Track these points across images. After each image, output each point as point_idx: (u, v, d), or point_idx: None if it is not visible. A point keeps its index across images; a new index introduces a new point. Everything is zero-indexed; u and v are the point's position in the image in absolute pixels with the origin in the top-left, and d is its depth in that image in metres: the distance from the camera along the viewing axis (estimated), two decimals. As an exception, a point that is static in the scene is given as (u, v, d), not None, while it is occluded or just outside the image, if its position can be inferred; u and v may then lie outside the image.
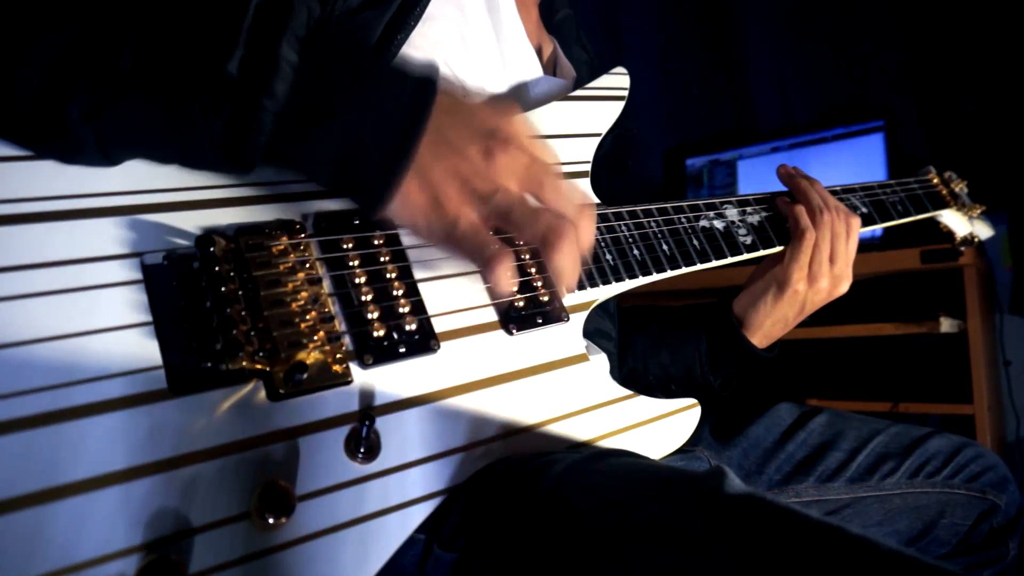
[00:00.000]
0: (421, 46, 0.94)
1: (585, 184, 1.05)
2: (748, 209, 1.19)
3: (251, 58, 0.64)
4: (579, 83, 1.13)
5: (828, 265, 1.13)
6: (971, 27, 2.64)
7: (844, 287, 1.16)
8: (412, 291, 0.81)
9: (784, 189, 1.24)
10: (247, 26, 0.65)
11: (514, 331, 0.86)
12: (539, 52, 1.15)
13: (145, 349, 0.66)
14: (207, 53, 0.64)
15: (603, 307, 1.15)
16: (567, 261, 0.73)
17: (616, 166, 1.22)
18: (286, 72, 0.65)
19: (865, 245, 2.53)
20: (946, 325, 2.29)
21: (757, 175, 3.03)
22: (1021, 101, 2.53)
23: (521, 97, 1.08)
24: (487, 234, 0.72)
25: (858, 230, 1.18)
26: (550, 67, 1.19)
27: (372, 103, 0.69)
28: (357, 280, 0.78)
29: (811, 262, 1.13)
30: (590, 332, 1.09)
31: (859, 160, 2.73)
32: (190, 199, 0.73)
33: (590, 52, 1.30)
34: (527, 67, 1.10)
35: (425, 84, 0.70)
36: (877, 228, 1.32)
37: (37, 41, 0.62)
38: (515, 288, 0.80)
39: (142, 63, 0.63)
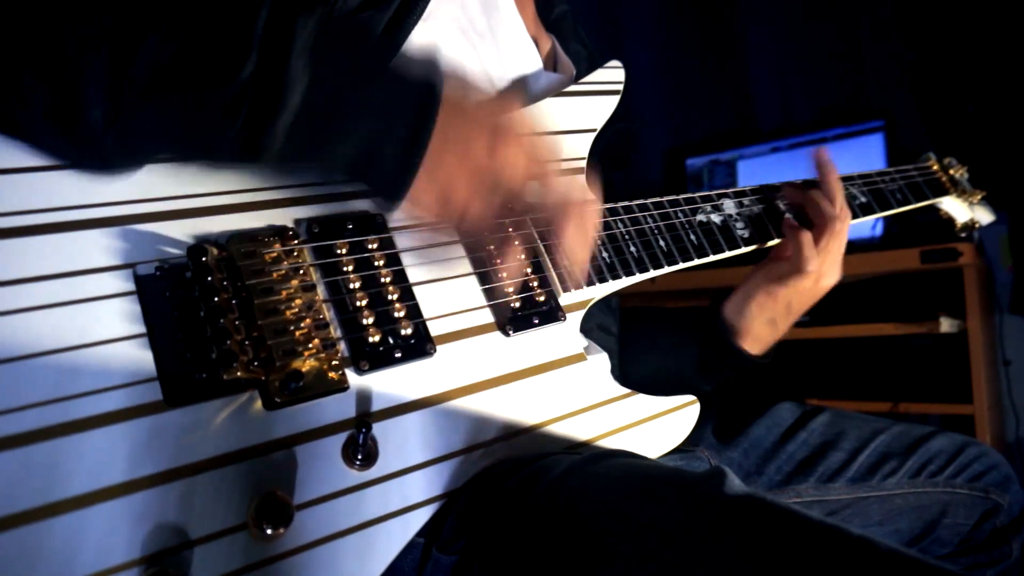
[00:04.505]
0: (423, 45, 0.94)
1: (580, 181, 1.05)
2: (745, 201, 1.18)
3: (264, 68, 0.66)
4: (579, 78, 1.13)
5: (817, 275, 1.13)
6: (971, 27, 2.64)
7: (828, 281, 1.15)
8: (407, 295, 0.81)
9: (778, 184, 1.24)
10: (259, 35, 0.66)
11: (511, 332, 0.86)
12: (537, 48, 1.15)
13: (140, 361, 0.65)
14: (221, 61, 0.65)
15: (605, 302, 1.15)
16: (576, 239, 0.79)
17: (617, 160, 1.22)
18: (296, 85, 0.67)
19: (865, 245, 2.53)
20: (946, 325, 2.28)
21: (757, 175, 3.03)
22: (1021, 101, 2.52)
23: (520, 93, 1.08)
24: (495, 223, 0.78)
25: (848, 227, 1.17)
26: (549, 63, 1.18)
27: (381, 109, 0.71)
28: (351, 285, 0.77)
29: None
30: (591, 328, 1.09)
31: (859, 160, 2.73)
32: (182, 208, 0.73)
33: (588, 47, 1.29)
34: (526, 63, 1.10)
35: (429, 87, 0.73)
36: (878, 226, 1.32)
37: (56, 49, 0.63)
38: (527, 270, 0.87)
39: (158, 70, 0.64)
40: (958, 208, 1.54)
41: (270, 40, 0.66)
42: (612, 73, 1.12)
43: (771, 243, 1.17)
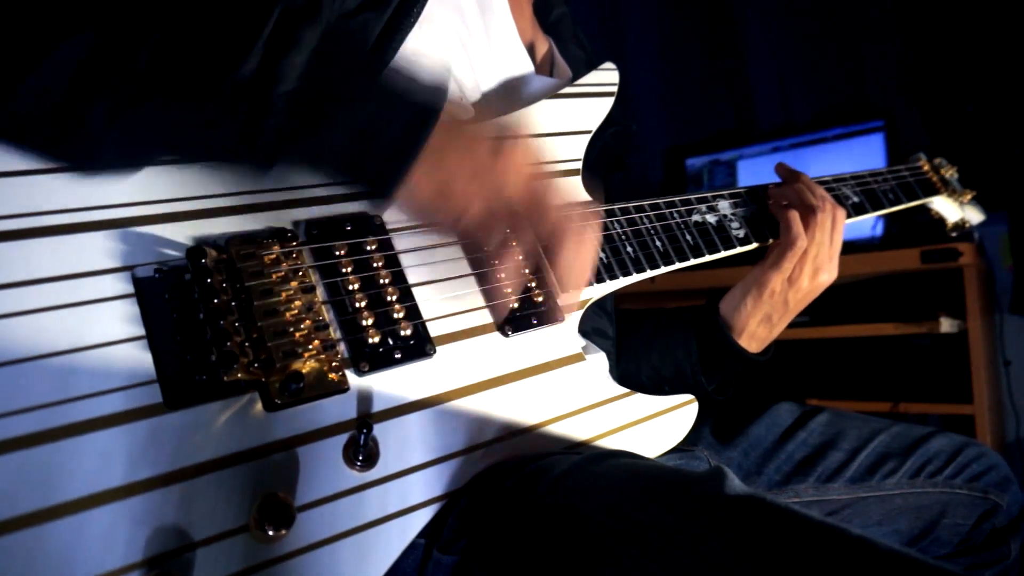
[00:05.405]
0: (419, 49, 0.94)
1: (576, 182, 1.05)
2: (740, 201, 1.19)
3: (267, 58, 0.66)
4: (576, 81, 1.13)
5: (811, 267, 1.13)
6: (971, 27, 2.64)
7: (824, 278, 1.15)
8: (406, 296, 0.81)
9: (764, 184, 1.25)
10: (266, 35, 0.66)
11: (510, 332, 0.87)
12: (533, 51, 1.15)
13: (139, 363, 0.65)
14: (226, 57, 0.66)
15: (601, 306, 1.15)
16: (574, 258, 0.78)
17: (614, 162, 1.22)
18: (298, 65, 0.67)
19: (865, 245, 2.53)
20: (946, 325, 2.28)
21: (757, 175, 3.03)
22: (1021, 101, 2.52)
23: (513, 96, 1.08)
24: (493, 224, 0.76)
25: (843, 223, 1.17)
26: (546, 67, 1.18)
27: (384, 95, 0.71)
28: (351, 287, 0.77)
29: (794, 268, 1.13)
30: (588, 331, 1.09)
31: (859, 160, 2.73)
32: (180, 210, 0.73)
33: (588, 49, 1.29)
34: (518, 67, 1.10)
35: (438, 82, 0.74)
36: (878, 226, 1.32)
37: (56, 47, 0.63)
38: (525, 271, 0.86)
39: (160, 66, 0.64)
40: (949, 208, 1.56)
41: (276, 38, 0.67)
42: (606, 75, 1.12)
43: (768, 243, 1.17)
